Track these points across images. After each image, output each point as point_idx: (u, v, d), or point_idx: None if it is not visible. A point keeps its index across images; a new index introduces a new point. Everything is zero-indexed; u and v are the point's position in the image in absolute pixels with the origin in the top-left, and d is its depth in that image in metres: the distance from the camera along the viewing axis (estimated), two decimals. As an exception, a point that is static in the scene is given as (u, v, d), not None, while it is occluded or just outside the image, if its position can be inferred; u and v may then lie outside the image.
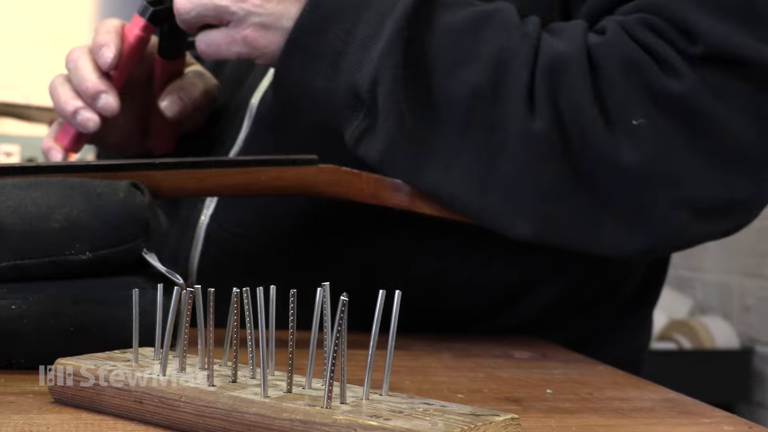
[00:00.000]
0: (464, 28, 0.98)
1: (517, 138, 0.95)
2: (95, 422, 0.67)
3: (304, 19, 0.99)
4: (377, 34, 0.97)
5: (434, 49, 0.97)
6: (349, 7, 0.98)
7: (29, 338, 0.82)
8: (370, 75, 0.96)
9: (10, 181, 0.89)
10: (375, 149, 0.98)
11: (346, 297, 0.61)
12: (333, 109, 1.00)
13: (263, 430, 0.61)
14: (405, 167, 0.98)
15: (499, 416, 0.61)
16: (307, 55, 0.99)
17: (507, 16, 0.99)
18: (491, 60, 0.96)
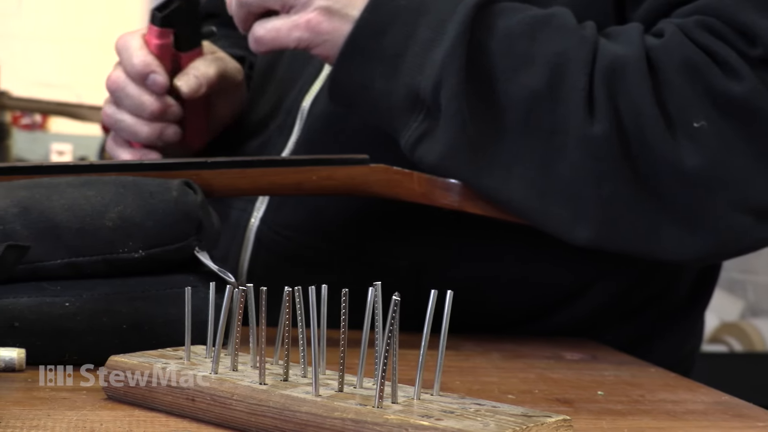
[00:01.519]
0: (521, 33, 0.97)
1: (577, 142, 0.95)
2: (147, 419, 0.67)
3: (364, 20, 0.98)
4: (438, 38, 0.96)
5: (493, 53, 0.97)
6: (408, 10, 0.98)
7: (82, 335, 0.82)
8: (434, 77, 0.96)
9: (64, 179, 0.90)
10: (435, 151, 0.97)
11: (398, 297, 0.61)
12: (390, 111, 0.99)
13: (315, 428, 0.61)
14: (465, 170, 0.98)
15: (551, 417, 0.61)
16: (366, 57, 0.98)
17: (564, 20, 0.98)
18: (549, 64, 0.96)
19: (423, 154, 0.98)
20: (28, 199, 0.86)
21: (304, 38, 1.00)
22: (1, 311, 0.81)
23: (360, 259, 1.11)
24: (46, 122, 3.66)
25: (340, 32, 0.99)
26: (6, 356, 0.78)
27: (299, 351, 0.68)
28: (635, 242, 0.98)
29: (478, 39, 0.96)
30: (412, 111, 0.98)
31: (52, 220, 0.85)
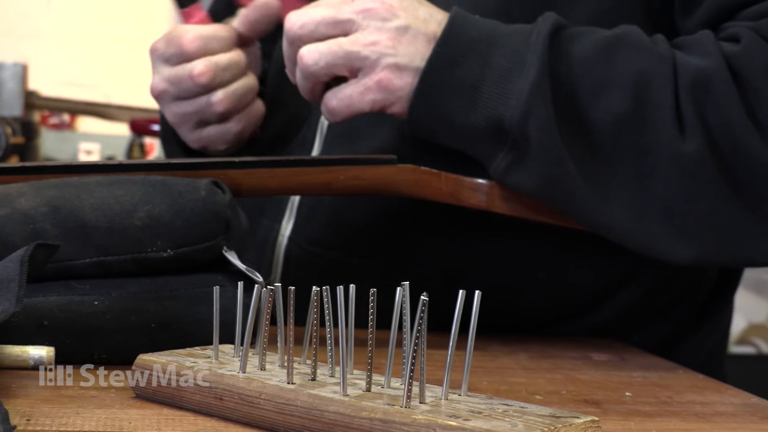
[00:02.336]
0: (597, 56, 0.96)
1: (670, 161, 0.94)
2: (176, 418, 0.67)
3: (436, 55, 0.96)
4: (517, 68, 0.95)
5: (573, 80, 0.96)
6: (480, 41, 0.97)
7: (111, 334, 0.83)
8: (521, 108, 0.94)
9: (93, 178, 0.90)
10: (529, 181, 0.96)
11: (426, 297, 0.61)
12: (473, 142, 0.98)
13: (343, 428, 0.61)
14: (562, 199, 0.97)
15: (579, 418, 0.61)
16: (442, 91, 0.96)
17: (636, 38, 0.98)
18: (630, 84, 0.95)
19: (516, 183, 0.97)
20: (57, 198, 0.86)
21: (377, 100, 0.98)
22: (31, 310, 0.81)
23: (391, 270, 1.11)
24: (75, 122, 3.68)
25: (411, 87, 0.97)
26: (35, 354, 0.79)
27: (327, 350, 0.68)
28: (739, 253, 0.98)
29: (557, 67, 0.95)
30: (497, 142, 0.96)
31: (81, 219, 0.85)
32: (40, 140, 2.95)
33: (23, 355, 0.79)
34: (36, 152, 2.86)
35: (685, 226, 0.96)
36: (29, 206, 0.85)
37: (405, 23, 0.97)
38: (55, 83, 3.58)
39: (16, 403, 0.68)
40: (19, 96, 2.70)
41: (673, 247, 0.97)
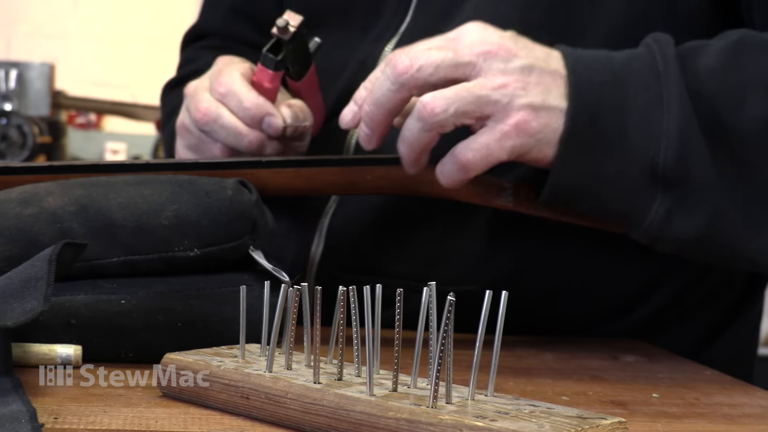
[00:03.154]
0: (724, 66, 0.92)
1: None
2: (202, 417, 0.67)
3: (574, 110, 0.90)
4: (657, 103, 0.90)
5: (710, 97, 0.91)
6: (607, 85, 0.91)
7: (138, 333, 0.83)
8: (674, 147, 0.89)
9: (121, 178, 0.90)
10: (693, 224, 0.91)
11: (452, 297, 0.60)
12: (624, 196, 0.93)
13: (369, 428, 0.61)
14: (734, 233, 0.92)
15: (606, 419, 0.60)
16: (588, 145, 0.91)
17: (756, 39, 0.94)
18: (765, 84, 0.91)
19: (677, 232, 0.92)
20: (85, 198, 0.86)
21: (517, 145, 0.90)
22: (58, 308, 0.81)
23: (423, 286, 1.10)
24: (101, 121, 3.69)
25: (549, 128, 0.91)
26: (63, 353, 0.79)
27: (353, 350, 0.68)
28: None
29: (693, 89, 0.91)
30: (651, 189, 0.91)
31: (108, 218, 0.86)
32: (67, 140, 2.97)
33: (51, 354, 0.79)
34: (63, 152, 2.87)
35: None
36: (57, 205, 0.86)
37: (528, 63, 0.91)
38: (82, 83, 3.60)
39: (44, 401, 0.69)
40: (46, 96, 2.71)
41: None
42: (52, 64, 2.77)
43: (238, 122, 1.02)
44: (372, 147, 0.96)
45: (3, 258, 0.83)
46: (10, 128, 2.53)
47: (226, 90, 1.03)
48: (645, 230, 0.93)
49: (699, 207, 0.91)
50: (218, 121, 1.03)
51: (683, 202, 0.91)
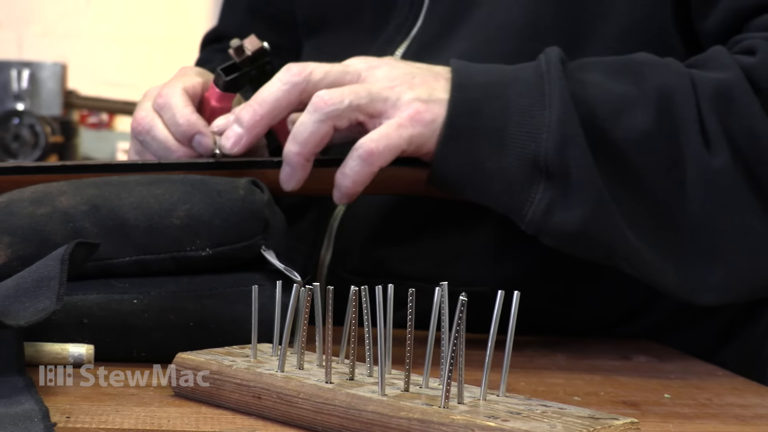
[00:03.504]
0: (612, 77, 0.95)
1: (698, 177, 0.93)
2: (214, 416, 0.68)
3: (455, 101, 0.94)
4: (538, 101, 0.93)
5: (592, 103, 0.94)
6: (493, 84, 0.95)
7: (150, 332, 0.83)
8: (554, 139, 0.91)
9: (133, 177, 0.91)
10: (575, 217, 0.93)
11: (465, 297, 0.60)
12: (507, 187, 0.94)
13: (381, 428, 0.61)
14: (610, 229, 0.93)
15: (618, 420, 0.60)
16: (468, 139, 0.94)
17: (649, 58, 0.97)
18: (652, 100, 0.93)
19: (559, 225, 0.93)
20: (97, 197, 0.87)
21: (415, 134, 0.93)
22: (71, 308, 0.82)
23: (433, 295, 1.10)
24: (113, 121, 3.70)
25: (442, 118, 0.94)
26: (75, 352, 0.79)
27: (365, 350, 0.68)
28: None
29: (575, 93, 0.93)
30: (531, 182, 0.93)
31: (121, 218, 0.86)
32: (79, 139, 2.97)
33: (63, 353, 0.79)
34: (75, 151, 2.87)
35: (715, 248, 0.94)
36: (69, 205, 0.86)
37: (409, 70, 0.96)
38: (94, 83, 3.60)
39: (56, 400, 0.69)
40: (58, 95, 2.72)
41: (705, 276, 0.95)
42: (64, 63, 2.77)
43: (169, 137, 1.02)
44: (238, 150, 0.96)
45: (16, 257, 0.84)
46: (22, 128, 2.53)
47: (164, 102, 1.03)
48: (528, 222, 0.95)
49: (579, 200, 0.92)
50: (150, 133, 1.03)
51: (564, 195, 0.93)
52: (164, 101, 1.03)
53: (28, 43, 4.11)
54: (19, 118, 2.55)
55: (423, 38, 1.13)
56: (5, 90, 2.65)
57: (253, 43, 1.06)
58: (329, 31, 1.25)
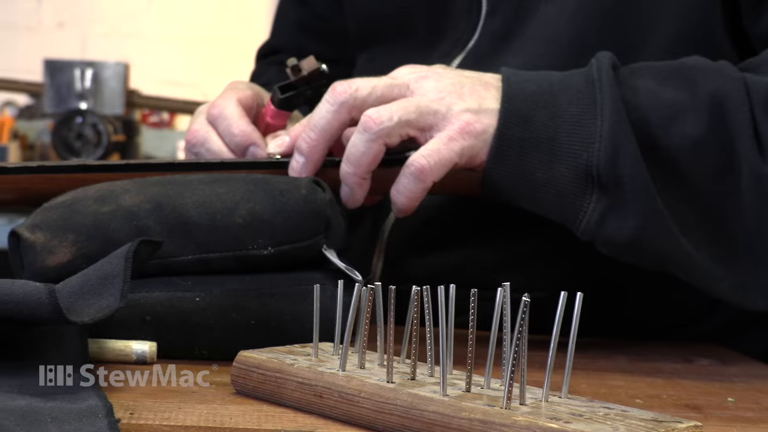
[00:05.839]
0: (664, 83, 0.93)
1: (752, 184, 0.92)
2: (276, 414, 0.68)
3: (505, 112, 0.93)
4: (589, 109, 0.92)
5: (645, 110, 0.92)
6: (543, 93, 0.93)
7: (212, 330, 0.84)
8: (606, 150, 0.90)
9: (195, 176, 0.91)
10: (627, 227, 0.92)
11: (527, 298, 0.60)
12: (557, 198, 0.93)
13: (442, 428, 0.61)
14: (664, 239, 0.92)
15: (682, 423, 0.60)
16: (519, 150, 0.93)
17: (701, 63, 0.95)
18: (705, 106, 0.92)
19: (612, 235, 0.92)
20: (161, 196, 0.87)
21: (466, 146, 0.92)
22: (134, 305, 0.82)
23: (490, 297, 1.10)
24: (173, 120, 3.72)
25: (494, 128, 0.93)
26: (138, 349, 0.80)
27: (426, 350, 0.68)
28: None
29: (626, 100, 0.92)
30: (584, 192, 0.92)
31: (183, 216, 0.86)
32: (141, 138, 2.99)
33: (126, 350, 0.80)
34: (136, 150, 2.90)
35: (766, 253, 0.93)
36: (133, 203, 0.87)
37: (458, 79, 0.95)
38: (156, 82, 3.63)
39: (120, 396, 0.69)
40: (120, 95, 2.74)
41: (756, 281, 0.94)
42: (126, 63, 2.80)
43: (224, 148, 1.04)
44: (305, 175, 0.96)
45: (80, 255, 0.85)
46: (85, 127, 2.56)
47: (218, 113, 1.04)
48: (582, 232, 0.94)
49: (632, 210, 0.91)
50: (205, 145, 1.04)
51: (617, 205, 0.91)
52: (218, 112, 1.04)
53: (91, 43, 4.16)
54: (82, 117, 2.57)
55: (478, 52, 1.13)
56: (69, 89, 2.68)
57: (310, 64, 1.07)
58: (383, 43, 1.24)
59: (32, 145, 2.85)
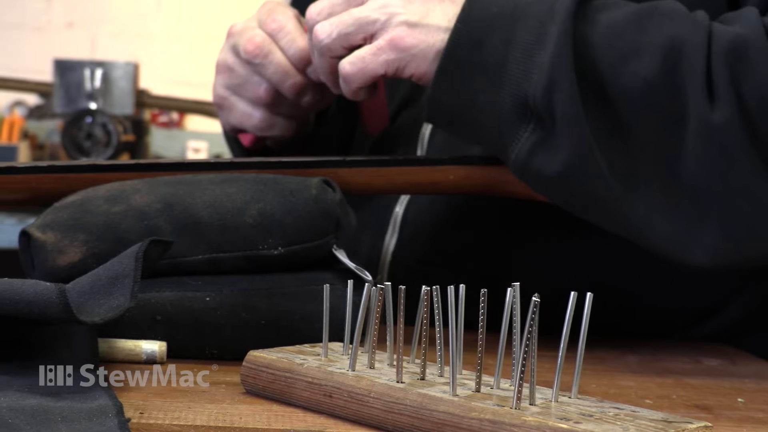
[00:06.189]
0: (627, 23, 0.92)
1: (698, 131, 0.90)
2: (285, 414, 0.68)
3: (458, 31, 0.93)
4: (540, 40, 0.91)
5: (599, 46, 0.91)
6: (503, 17, 0.93)
7: (222, 330, 0.84)
8: (543, 81, 0.90)
9: (206, 176, 0.91)
10: (555, 161, 0.91)
11: (537, 298, 0.60)
12: (497, 125, 0.94)
13: (452, 428, 0.61)
14: (591, 179, 0.92)
15: (692, 423, 0.60)
16: (466, 70, 0.93)
17: (672, 7, 0.94)
18: (662, 49, 0.91)
19: (540, 167, 0.92)
20: (171, 196, 0.87)
21: (391, 59, 0.95)
22: (144, 305, 0.82)
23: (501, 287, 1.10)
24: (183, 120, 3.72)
25: (426, 44, 0.95)
26: (148, 349, 0.80)
27: (436, 350, 0.68)
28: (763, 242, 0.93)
29: (581, 33, 0.91)
30: (521, 122, 0.92)
31: (194, 216, 0.86)
32: (150, 138, 2.99)
33: (136, 350, 0.80)
34: (146, 150, 2.90)
35: (711, 207, 0.91)
36: (144, 203, 0.87)
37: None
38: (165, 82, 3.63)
39: (130, 396, 0.70)
40: (130, 94, 2.74)
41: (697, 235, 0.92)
42: (136, 63, 2.80)
43: (287, 62, 1.07)
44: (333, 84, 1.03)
45: (91, 254, 0.85)
46: (95, 126, 2.56)
47: (279, 27, 1.07)
48: (513, 162, 0.94)
49: (561, 144, 0.91)
50: (269, 57, 1.07)
51: (548, 138, 0.92)
52: (279, 26, 1.08)
53: (101, 43, 4.16)
54: (91, 116, 2.57)
55: None
56: (78, 89, 2.68)
57: None
58: None
59: (42, 145, 2.86)
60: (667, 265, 1.01)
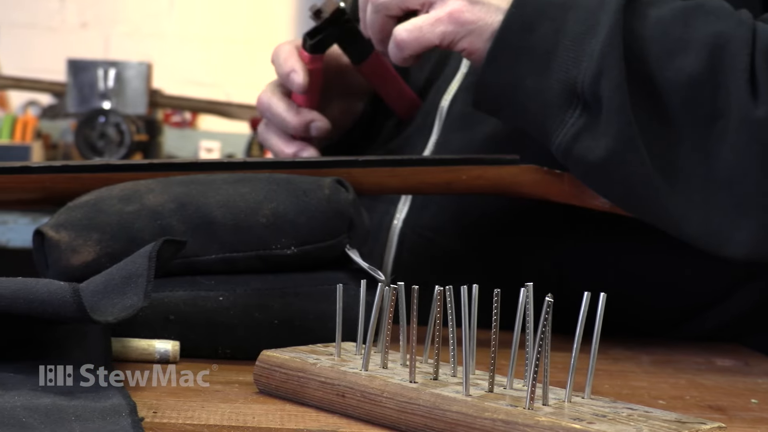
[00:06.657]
0: (675, 18, 0.94)
1: (739, 126, 0.91)
2: (298, 414, 0.68)
3: (512, 15, 0.95)
4: (591, 30, 0.93)
5: (648, 39, 0.93)
6: (555, 6, 0.96)
7: (235, 329, 0.84)
8: (593, 69, 0.92)
9: (219, 176, 0.91)
10: (599, 147, 0.93)
11: (551, 298, 0.60)
12: (542, 110, 0.96)
13: (465, 428, 0.61)
14: (633, 165, 0.93)
15: (706, 424, 0.60)
16: (516, 54, 0.95)
17: (718, 4, 0.96)
18: (707, 46, 0.92)
19: (584, 152, 0.94)
20: (184, 195, 0.88)
21: (448, 32, 0.98)
22: (158, 304, 0.83)
23: (502, 261, 1.11)
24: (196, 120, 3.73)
25: (483, 22, 0.97)
26: (161, 348, 0.80)
27: (449, 350, 0.68)
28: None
29: (631, 26, 0.93)
30: (568, 107, 0.94)
31: (207, 216, 0.87)
32: (163, 137, 3.00)
33: (149, 349, 0.80)
34: (159, 149, 2.90)
35: (750, 201, 0.92)
36: (157, 203, 0.87)
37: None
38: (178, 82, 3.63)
39: (143, 395, 0.70)
40: (143, 94, 2.74)
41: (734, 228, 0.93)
42: (149, 63, 2.80)
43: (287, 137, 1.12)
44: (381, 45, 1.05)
45: (104, 254, 0.85)
46: (108, 126, 2.56)
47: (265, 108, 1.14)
48: (557, 145, 0.96)
49: (606, 131, 0.93)
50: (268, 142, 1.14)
51: (593, 124, 0.93)
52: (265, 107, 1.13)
53: (114, 43, 4.17)
54: (105, 116, 2.58)
55: None
56: (92, 89, 2.69)
57: (328, 5, 1.10)
58: None
59: (55, 145, 2.86)
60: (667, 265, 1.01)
